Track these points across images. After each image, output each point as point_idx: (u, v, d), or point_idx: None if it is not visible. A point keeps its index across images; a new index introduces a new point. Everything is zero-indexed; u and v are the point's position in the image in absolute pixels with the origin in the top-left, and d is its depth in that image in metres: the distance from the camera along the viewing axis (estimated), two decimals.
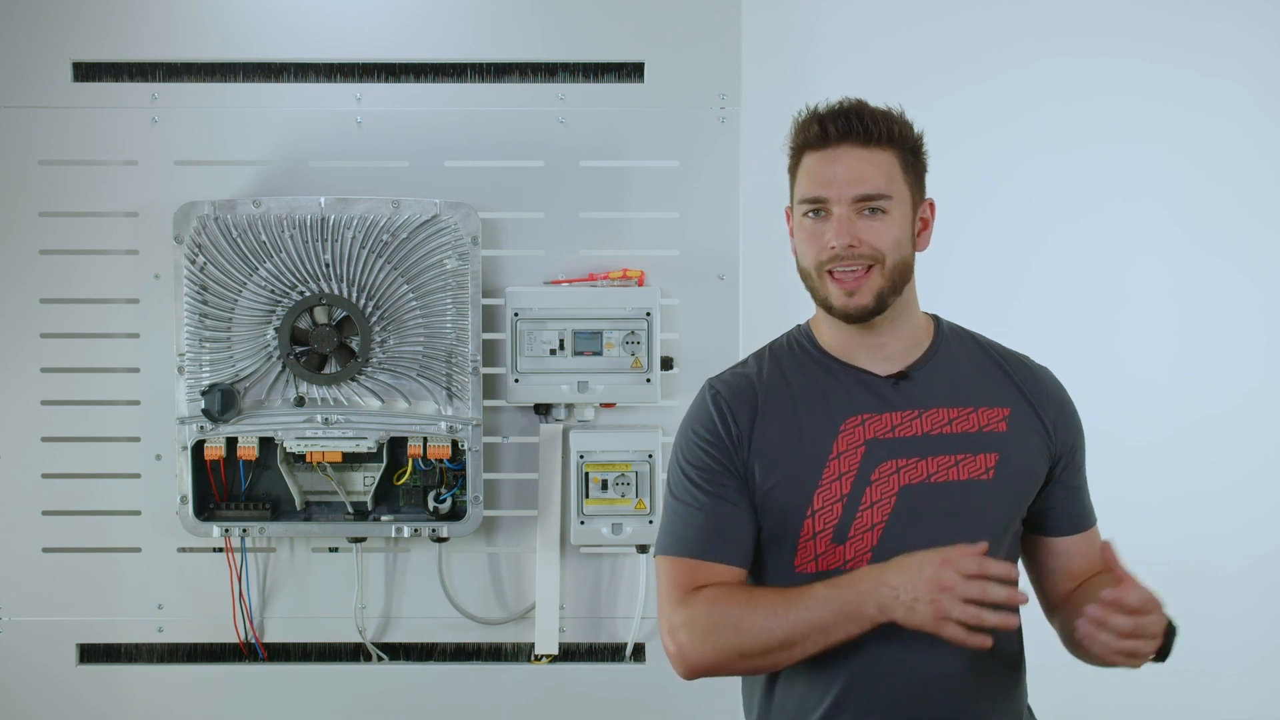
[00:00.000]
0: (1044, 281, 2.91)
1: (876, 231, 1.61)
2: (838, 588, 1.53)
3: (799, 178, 1.66)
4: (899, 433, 1.64)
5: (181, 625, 2.54)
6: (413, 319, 2.38)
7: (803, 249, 1.65)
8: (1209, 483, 2.92)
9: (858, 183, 1.61)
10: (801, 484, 1.63)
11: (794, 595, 1.56)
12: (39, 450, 2.52)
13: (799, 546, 1.63)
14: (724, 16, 2.49)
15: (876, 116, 1.63)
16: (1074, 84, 2.88)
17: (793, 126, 1.68)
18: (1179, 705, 2.90)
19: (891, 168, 1.63)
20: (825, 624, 1.53)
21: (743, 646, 1.57)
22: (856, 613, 1.51)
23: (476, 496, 2.41)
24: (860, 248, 1.60)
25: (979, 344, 1.74)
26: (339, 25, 2.49)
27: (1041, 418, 1.68)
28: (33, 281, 2.50)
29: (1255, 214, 2.92)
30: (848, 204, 1.61)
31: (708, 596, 1.61)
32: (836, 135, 1.62)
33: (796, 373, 1.70)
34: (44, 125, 2.49)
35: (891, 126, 1.63)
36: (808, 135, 1.64)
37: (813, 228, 1.63)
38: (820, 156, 1.63)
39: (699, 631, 1.59)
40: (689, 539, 1.66)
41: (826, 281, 1.63)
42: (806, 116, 1.66)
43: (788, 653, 1.56)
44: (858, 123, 1.61)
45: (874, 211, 1.61)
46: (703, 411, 1.70)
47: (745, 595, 1.60)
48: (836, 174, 1.61)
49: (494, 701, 2.54)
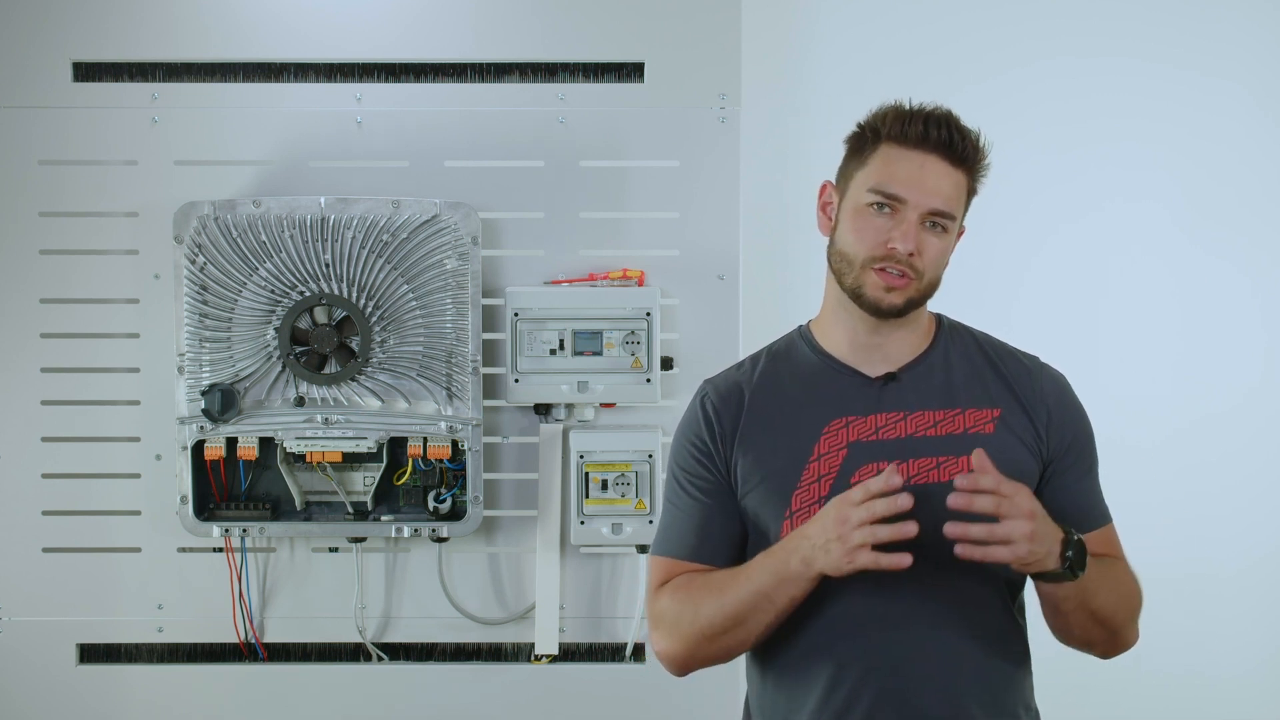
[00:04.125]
0: (1044, 281, 2.91)
1: (935, 248, 1.62)
2: (770, 554, 1.58)
3: (874, 165, 1.62)
4: (883, 435, 1.64)
5: (181, 625, 2.54)
6: (413, 319, 2.38)
7: (857, 236, 1.62)
8: (1209, 483, 2.92)
9: (937, 196, 1.60)
10: (780, 486, 1.64)
11: (739, 571, 1.62)
12: (39, 450, 2.52)
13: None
14: (724, 16, 2.49)
15: (971, 140, 1.62)
16: (1074, 84, 2.88)
17: (881, 112, 1.64)
18: (1179, 705, 2.90)
19: (963, 191, 1.64)
20: (766, 589, 1.57)
21: (704, 629, 1.62)
22: (785, 570, 1.55)
23: (476, 496, 2.41)
24: (917, 259, 1.60)
25: (978, 343, 1.73)
26: (339, 25, 2.49)
27: (1033, 419, 1.66)
28: (33, 281, 2.50)
29: (1255, 214, 2.92)
30: (921, 212, 1.60)
31: (670, 588, 1.67)
32: (934, 142, 1.60)
33: (788, 375, 1.71)
34: (44, 125, 2.49)
35: (978, 153, 1.63)
36: (904, 129, 1.61)
37: (877, 220, 1.61)
38: (909, 156, 1.61)
39: (667, 624, 1.65)
40: (671, 539, 1.71)
41: (869, 273, 1.61)
42: (909, 110, 1.63)
43: (744, 628, 1.60)
44: (959, 139, 1.61)
45: (935, 227, 1.61)
46: (691, 415, 1.73)
47: (702, 580, 1.65)
48: (925, 181, 1.60)
49: (494, 701, 2.54)
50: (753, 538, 1.68)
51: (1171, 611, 2.86)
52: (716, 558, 1.68)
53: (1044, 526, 1.50)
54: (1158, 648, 2.67)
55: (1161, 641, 2.77)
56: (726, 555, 1.69)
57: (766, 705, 1.70)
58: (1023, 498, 1.48)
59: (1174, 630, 2.84)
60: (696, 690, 2.09)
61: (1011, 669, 1.67)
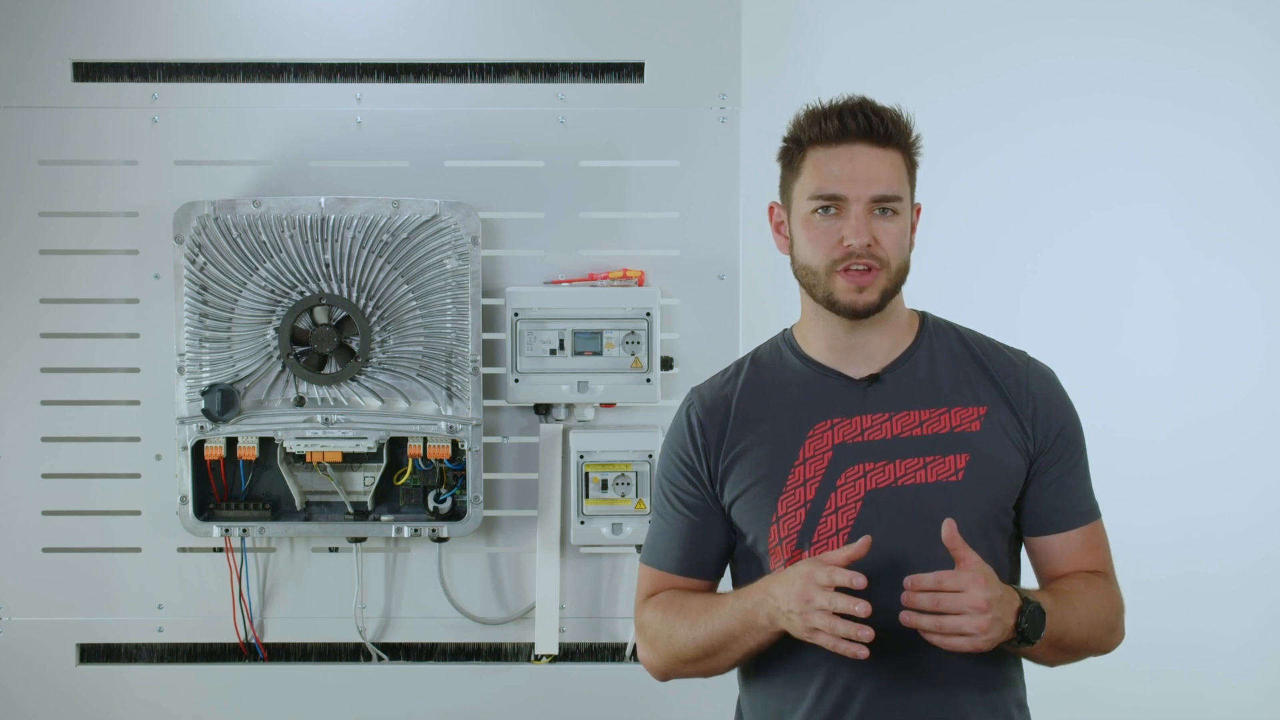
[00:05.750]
0: (1044, 281, 2.91)
1: (890, 233, 1.60)
2: (741, 598, 1.59)
3: (806, 173, 1.62)
4: (868, 436, 1.63)
5: (181, 625, 2.54)
6: (413, 319, 2.38)
7: (812, 246, 1.61)
8: (1209, 483, 2.92)
9: (876, 182, 1.59)
10: (767, 490, 1.64)
11: (712, 604, 1.63)
12: (39, 450, 2.52)
13: (769, 553, 1.64)
14: (724, 16, 2.49)
15: (890, 116, 1.61)
16: (1074, 84, 2.88)
17: (797, 119, 1.65)
18: (1179, 705, 2.90)
19: (901, 169, 1.62)
20: (734, 632, 1.59)
21: (677, 654, 1.65)
22: (754, 622, 1.56)
23: (476, 496, 2.41)
24: (876, 248, 1.59)
25: (963, 340, 1.71)
26: (339, 25, 2.49)
27: (1019, 414, 1.65)
28: (33, 281, 2.50)
29: (1255, 214, 2.92)
30: (865, 203, 1.59)
31: (653, 604, 1.69)
32: (854, 132, 1.59)
33: (773, 380, 1.70)
34: (44, 125, 2.49)
35: (901, 127, 1.62)
36: (822, 129, 1.61)
37: (825, 225, 1.60)
38: (835, 153, 1.60)
39: (647, 639, 1.69)
40: (657, 551, 1.73)
41: (835, 278, 1.60)
42: (820, 110, 1.63)
43: (714, 660, 1.63)
44: (877, 121, 1.59)
45: (885, 212, 1.60)
46: (677, 428, 1.74)
47: (680, 603, 1.67)
48: (857, 172, 1.59)
49: (494, 701, 2.54)
50: (744, 544, 1.68)
51: (1171, 611, 2.86)
52: (702, 571, 1.71)
53: (1000, 609, 1.47)
54: (1157, 647, 2.68)
55: (1161, 641, 2.78)
56: (712, 568, 1.72)
57: (758, 706, 1.70)
58: (975, 590, 1.45)
59: (1173, 630, 2.84)
60: (697, 690, 2.08)
61: (1004, 669, 1.67)
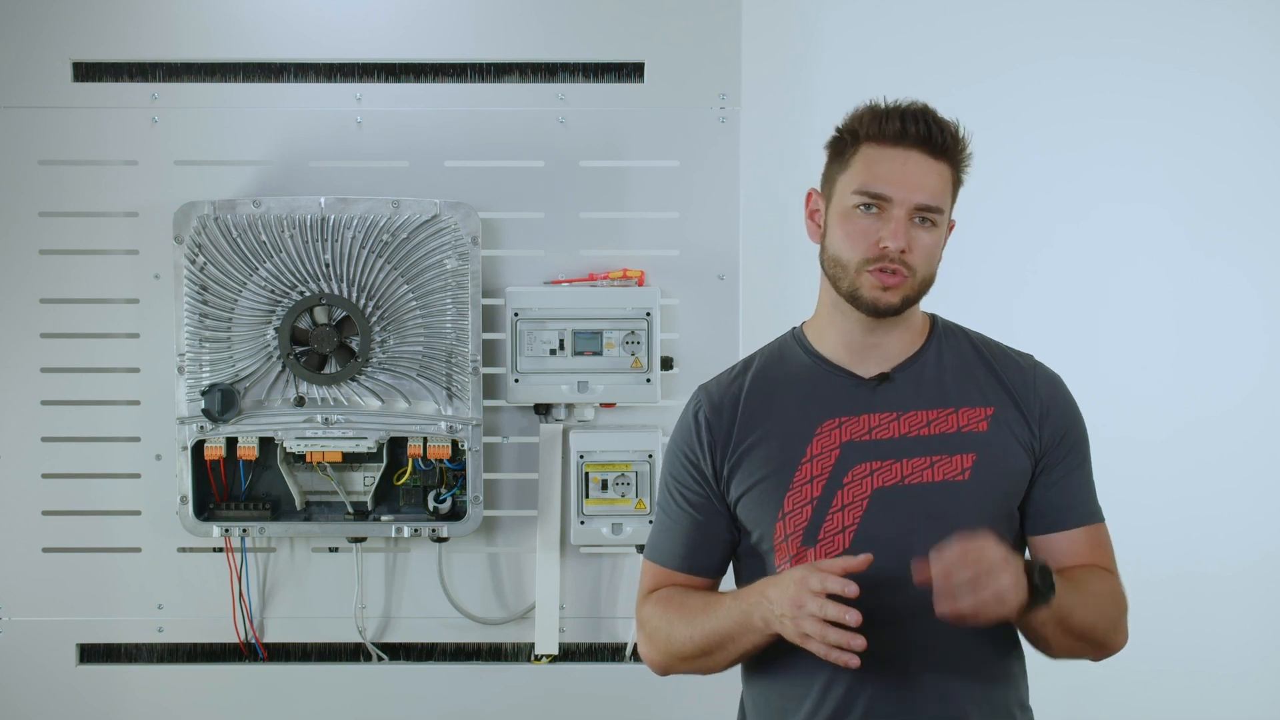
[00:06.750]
0: (1045, 281, 2.91)
1: (924, 243, 1.61)
2: (738, 599, 1.60)
3: (857, 166, 1.62)
4: (876, 435, 1.64)
5: (181, 625, 2.54)
6: (413, 319, 2.38)
7: (848, 241, 1.61)
8: (1209, 483, 2.91)
9: (923, 190, 1.59)
10: (774, 487, 1.64)
11: (711, 603, 1.64)
12: (39, 450, 2.52)
13: (775, 550, 1.65)
14: (724, 16, 2.49)
15: (950, 130, 1.62)
16: (1074, 84, 2.88)
17: (857, 113, 1.64)
18: (1179, 705, 2.90)
19: (948, 183, 1.63)
20: (731, 633, 1.59)
21: (676, 651, 1.66)
22: (750, 624, 1.57)
23: (476, 496, 2.41)
24: (909, 255, 1.59)
25: (971, 342, 1.73)
26: (339, 25, 2.49)
27: (1026, 416, 1.66)
28: (33, 281, 2.50)
29: (1255, 214, 2.92)
30: (908, 208, 1.59)
31: (654, 600, 1.70)
32: (913, 137, 1.60)
33: (781, 378, 1.71)
34: (44, 125, 2.49)
35: (959, 143, 1.63)
36: (882, 128, 1.61)
37: (864, 222, 1.60)
38: (889, 154, 1.60)
39: (646, 634, 1.70)
40: (661, 547, 1.74)
41: (864, 275, 1.61)
42: (883, 109, 1.62)
43: (711, 659, 1.64)
44: (937, 131, 1.60)
45: (924, 221, 1.61)
46: (684, 425, 1.74)
47: (680, 601, 1.68)
48: (907, 176, 1.59)
49: (494, 701, 2.54)
50: (751, 541, 1.68)
51: (1171, 611, 2.86)
52: (704, 569, 1.72)
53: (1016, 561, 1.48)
54: (1157, 647, 2.68)
55: (1161, 641, 2.78)
56: (715, 565, 1.73)
57: (761, 704, 1.71)
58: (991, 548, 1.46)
59: (1173, 630, 2.84)
60: (697, 690, 2.09)
61: (1006, 668, 1.67)
